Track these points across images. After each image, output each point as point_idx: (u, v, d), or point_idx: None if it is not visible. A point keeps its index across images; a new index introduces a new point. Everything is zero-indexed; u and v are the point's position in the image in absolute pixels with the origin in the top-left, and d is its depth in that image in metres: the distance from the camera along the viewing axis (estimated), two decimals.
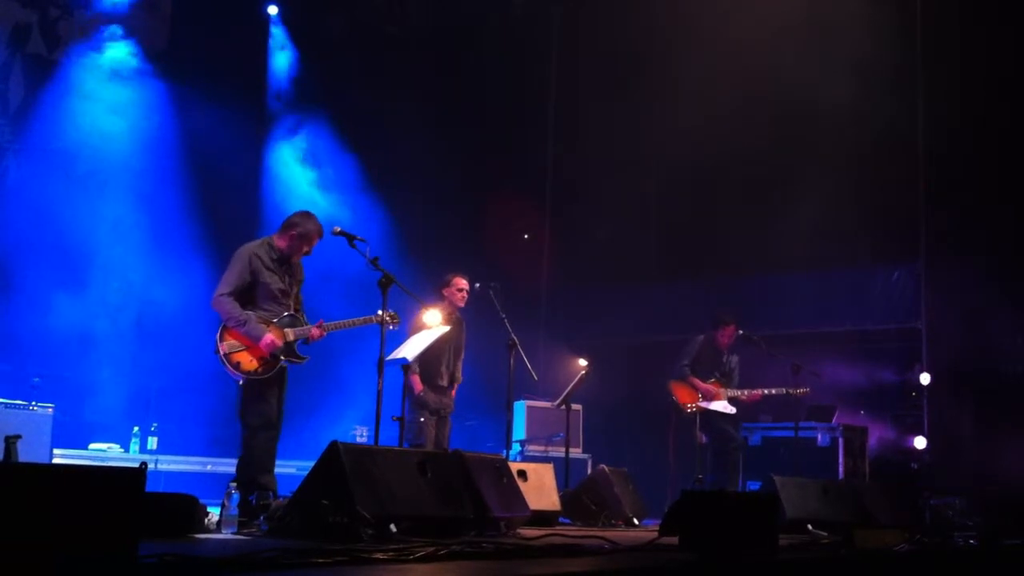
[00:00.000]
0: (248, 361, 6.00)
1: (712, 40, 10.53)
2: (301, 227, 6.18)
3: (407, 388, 7.19)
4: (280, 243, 6.20)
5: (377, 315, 6.19)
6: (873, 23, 10.11)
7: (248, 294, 6.09)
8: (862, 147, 10.01)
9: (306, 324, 6.22)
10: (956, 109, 9.92)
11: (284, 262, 6.21)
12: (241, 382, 6.01)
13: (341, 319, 6.34)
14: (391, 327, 6.22)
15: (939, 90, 10.17)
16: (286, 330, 6.10)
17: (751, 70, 10.36)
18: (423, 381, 7.48)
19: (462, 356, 7.80)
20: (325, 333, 6.22)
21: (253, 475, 5.89)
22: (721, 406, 8.84)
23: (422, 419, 7.38)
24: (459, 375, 7.76)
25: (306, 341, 6.19)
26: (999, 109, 9.69)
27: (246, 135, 10.44)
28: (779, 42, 10.07)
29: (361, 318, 6.31)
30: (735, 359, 9.14)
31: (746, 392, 8.90)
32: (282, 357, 6.07)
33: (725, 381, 9.00)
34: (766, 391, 8.84)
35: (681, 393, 8.92)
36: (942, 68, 10.08)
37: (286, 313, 6.16)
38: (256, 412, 6.02)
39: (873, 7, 10.06)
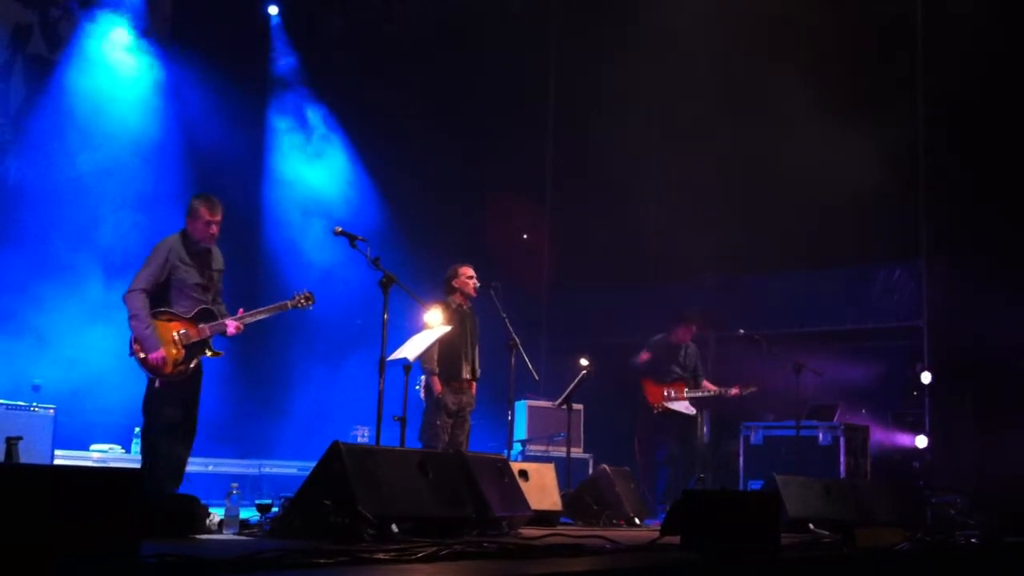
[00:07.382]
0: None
1: (712, 39, 10.52)
2: (194, 209, 5.96)
3: (426, 388, 7.19)
4: (189, 230, 6.00)
5: (293, 299, 6.11)
6: (872, 22, 10.11)
7: (164, 290, 5.89)
8: (863, 144, 10.01)
9: (223, 316, 6.02)
10: (957, 107, 9.92)
11: (200, 253, 6.02)
12: (157, 384, 5.80)
13: (266, 310, 6.18)
14: (307, 307, 6.14)
15: (939, 88, 10.17)
16: (200, 326, 5.90)
17: (751, 70, 10.35)
18: (445, 380, 7.38)
19: (478, 348, 7.71)
20: (243, 327, 6.00)
21: (158, 481, 5.61)
22: (683, 406, 8.91)
23: (438, 422, 7.30)
24: (478, 368, 7.67)
25: (223, 334, 5.97)
26: (999, 107, 9.69)
27: (247, 135, 10.45)
28: (779, 41, 10.07)
29: (275, 305, 6.15)
30: (692, 349, 9.23)
31: (703, 392, 8.98)
32: (192, 362, 5.88)
33: (687, 376, 9.06)
34: (716, 390, 8.93)
35: (652, 392, 9.01)
36: (942, 67, 10.07)
37: (201, 307, 5.96)
38: (164, 414, 5.81)
39: (873, 6, 10.07)
